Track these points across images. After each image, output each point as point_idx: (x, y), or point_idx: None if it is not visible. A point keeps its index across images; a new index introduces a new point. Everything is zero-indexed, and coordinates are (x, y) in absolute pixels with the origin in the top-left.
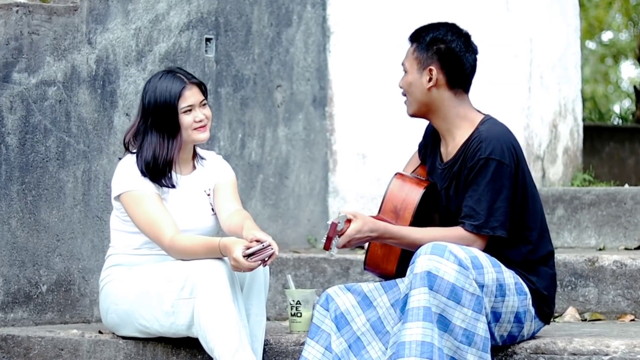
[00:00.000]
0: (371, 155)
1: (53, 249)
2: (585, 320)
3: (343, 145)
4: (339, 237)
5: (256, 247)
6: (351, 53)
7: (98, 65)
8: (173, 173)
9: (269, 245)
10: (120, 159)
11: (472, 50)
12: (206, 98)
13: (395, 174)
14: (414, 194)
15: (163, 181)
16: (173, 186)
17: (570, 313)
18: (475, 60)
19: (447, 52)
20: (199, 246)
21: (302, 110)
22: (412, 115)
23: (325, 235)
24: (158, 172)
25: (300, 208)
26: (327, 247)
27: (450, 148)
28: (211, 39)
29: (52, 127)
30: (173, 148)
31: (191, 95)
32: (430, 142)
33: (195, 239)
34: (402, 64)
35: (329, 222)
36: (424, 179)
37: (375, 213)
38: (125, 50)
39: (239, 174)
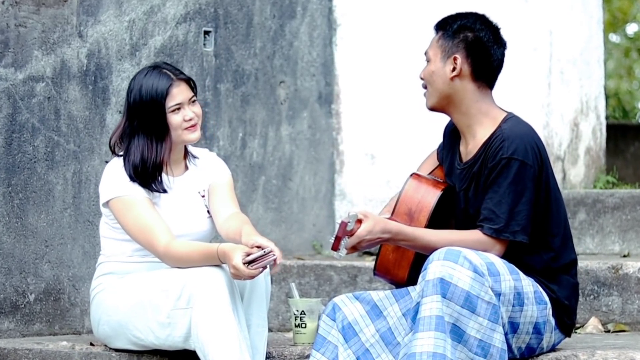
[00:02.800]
0: (380, 156)
1: (41, 256)
2: (609, 331)
3: (350, 145)
4: (348, 237)
5: (257, 253)
6: (359, 47)
7: (89, 60)
8: (164, 175)
9: (271, 252)
10: (107, 162)
11: (501, 43)
12: (195, 94)
13: (411, 175)
14: (431, 196)
15: (153, 186)
16: (164, 191)
17: (593, 324)
18: (503, 54)
19: (474, 41)
20: (196, 253)
21: (307, 107)
22: (431, 108)
23: (334, 235)
24: (147, 176)
25: (305, 212)
26: (335, 247)
27: (470, 147)
28: (210, 31)
29: (41, 126)
30: (162, 151)
31: (179, 93)
32: (449, 142)
33: (192, 245)
34: (425, 53)
35: (339, 221)
36: (441, 180)
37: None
38: (118, 44)
39: (240, 175)
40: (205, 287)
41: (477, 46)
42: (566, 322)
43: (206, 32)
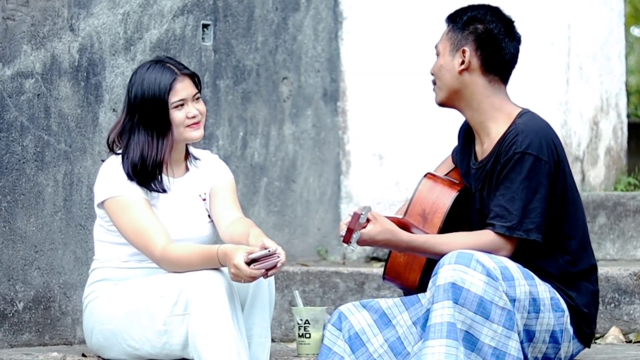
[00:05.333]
0: (389, 156)
1: (31, 262)
2: (630, 341)
3: (357, 145)
4: (360, 230)
5: (261, 252)
6: (366, 41)
7: (81, 55)
8: (163, 176)
9: (276, 253)
10: (103, 160)
11: (514, 37)
12: (200, 91)
13: (426, 174)
14: (446, 197)
15: (152, 185)
16: (164, 191)
17: (614, 334)
18: (516, 49)
19: (484, 34)
20: (195, 255)
21: (311, 105)
22: (441, 104)
23: (346, 227)
24: (146, 175)
25: (309, 215)
26: (346, 239)
27: (485, 145)
28: (209, 25)
29: (30, 125)
30: (163, 148)
31: (183, 88)
32: (464, 142)
33: (190, 247)
34: (435, 47)
35: (351, 213)
36: (457, 181)
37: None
38: (112, 38)
39: (240, 176)
40: (203, 292)
41: (487, 38)
42: (585, 331)
43: (205, 26)
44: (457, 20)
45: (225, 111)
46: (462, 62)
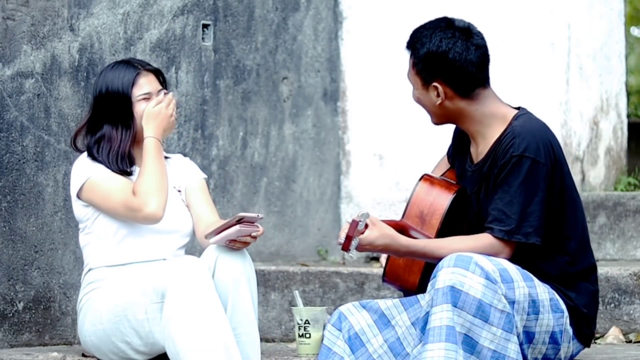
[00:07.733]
0: (389, 156)
1: (31, 262)
2: (630, 341)
3: (357, 145)
4: (359, 237)
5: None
6: (366, 41)
7: (81, 55)
8: (136, 168)
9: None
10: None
11: (475, 45)
12: (165, 88)
13: (423, 176)
14: (443, 198)
15: (117, 165)
16: (131, 164)
17: (614, 334)
18: (481, 54)
19: (446, 65)
20: (148, 168)
21: (311, 105)
22: (437, 125)
23: (344, 234)
24: (112, 162)
25: (309, 215)
26: (345, 247)
27: (481, 148)
28: (209, 25)
29: (30, 124)
30: (126, 138)
31: (147, 83)
32: (460, 144)
33: (140, 175)
34: (407, 77)
35: (350, 220)
36: (454, 182)
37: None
38: (112, 38)
39: (240, 176)
40: (177, 280)
41: (450, 69)
42: (585, 331)
43: (205, 26)
44: (416, 54)
45: (225, 111)
46: (438, 95)
